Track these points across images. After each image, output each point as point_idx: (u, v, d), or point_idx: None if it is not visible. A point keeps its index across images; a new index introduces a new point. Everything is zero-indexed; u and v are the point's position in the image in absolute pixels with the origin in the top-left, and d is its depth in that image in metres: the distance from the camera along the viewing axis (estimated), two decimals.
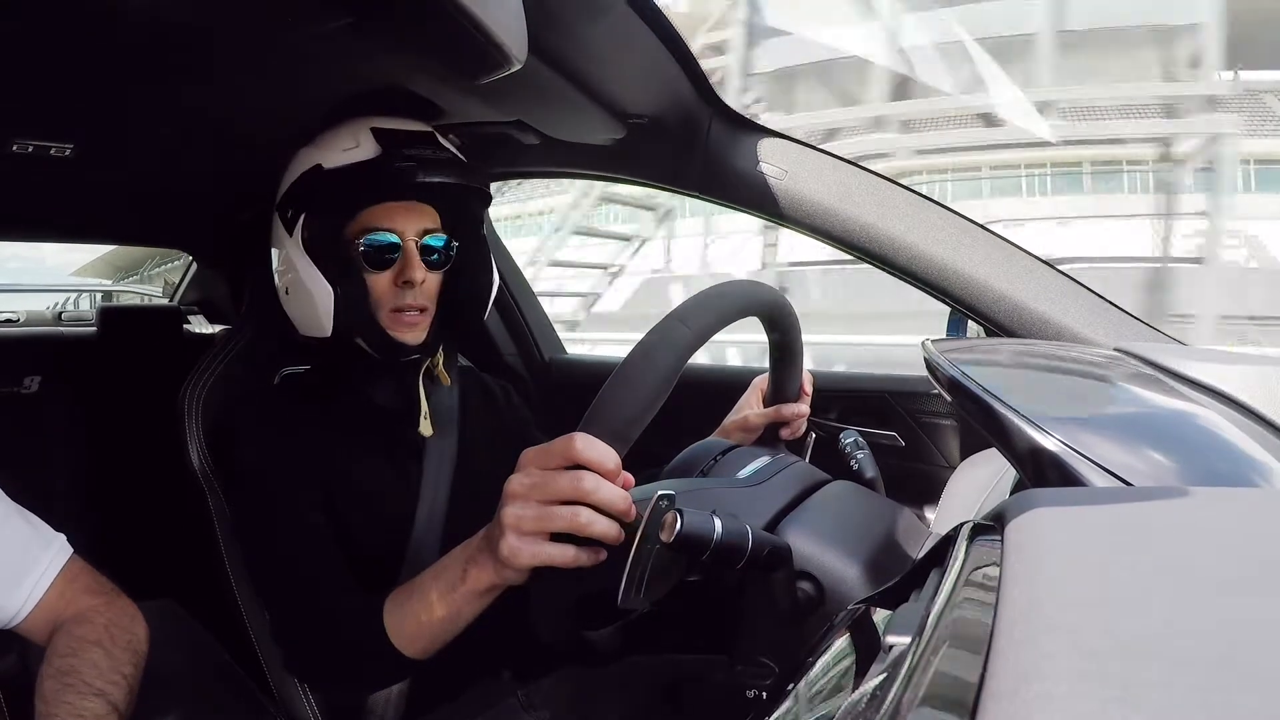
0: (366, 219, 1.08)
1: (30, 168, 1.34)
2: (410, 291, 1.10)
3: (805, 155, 1.30)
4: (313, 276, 1.06)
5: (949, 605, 0.41)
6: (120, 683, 0.90)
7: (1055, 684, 0.28)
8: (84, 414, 2.20)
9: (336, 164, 1.06)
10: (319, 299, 1.06)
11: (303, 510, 1.06)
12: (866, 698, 0.39)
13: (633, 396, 0.74)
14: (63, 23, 0.90)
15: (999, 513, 0.47)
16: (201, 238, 2.20)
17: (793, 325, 1.01)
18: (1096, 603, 0.35)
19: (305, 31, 0.91)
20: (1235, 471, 0.71)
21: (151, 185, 1.65)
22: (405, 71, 1.09)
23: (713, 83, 1.29)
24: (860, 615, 0.57)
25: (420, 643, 0.92)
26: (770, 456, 0.99)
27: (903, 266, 1.25)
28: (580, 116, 1.29)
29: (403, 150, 1.06)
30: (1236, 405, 0.80)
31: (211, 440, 1.21)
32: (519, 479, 0.76)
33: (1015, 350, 1.10)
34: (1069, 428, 0.68)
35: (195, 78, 1.09)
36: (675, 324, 0.77)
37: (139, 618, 1.00)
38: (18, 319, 2.79)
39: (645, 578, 0.70)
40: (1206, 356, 0.90)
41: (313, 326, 1.09)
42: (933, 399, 1.46)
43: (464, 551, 0.87)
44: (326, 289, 1.05)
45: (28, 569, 0.95)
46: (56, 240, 2.25)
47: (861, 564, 0.79)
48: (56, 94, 1.11)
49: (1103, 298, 1.20)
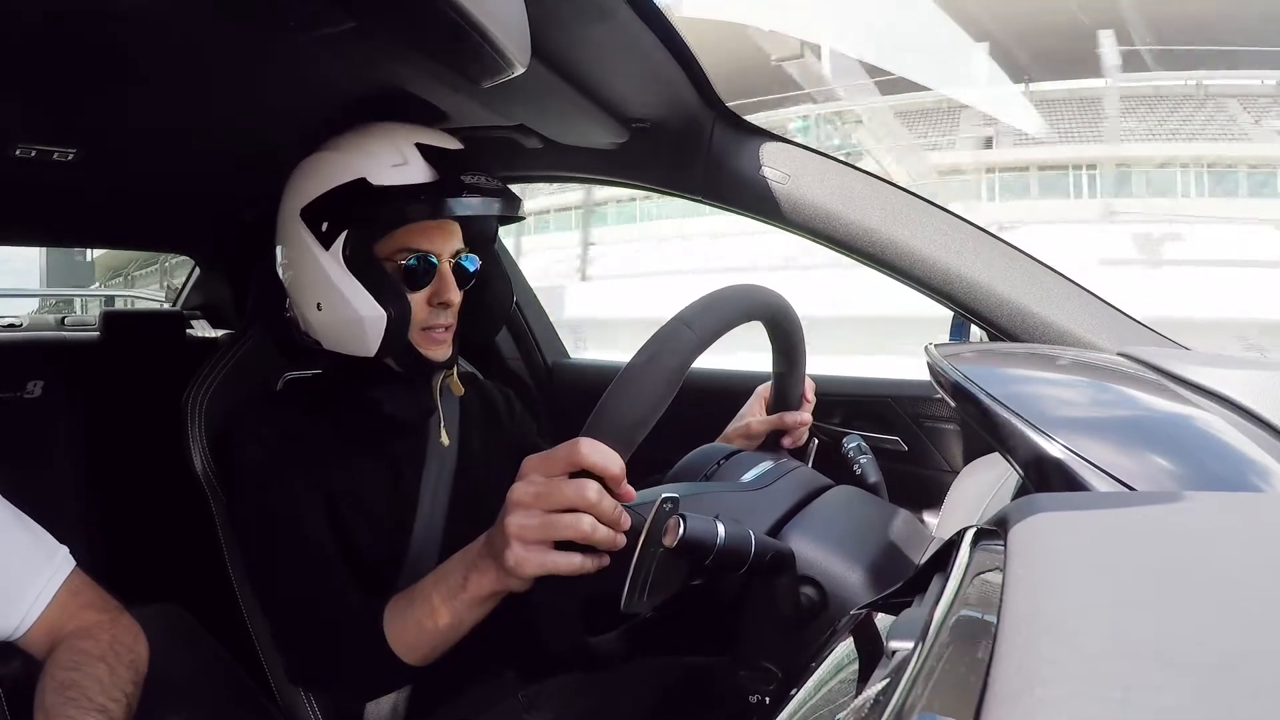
0: (404, 237, 1.06)
1: (33, 172, 1.34)
2: (444, 311, 1.09)
3: (808, 159, 1.30)
4: (361, 297, 1.03)
5: (952, 610, 0.41)
6: (121, 700, 0.89)
7: (1058, 688, 0.28)
8: (87, 419, 2.20)
9: (388, 181, 1.02)
10: (369, 321, 1.03)
11: (304, 517, 1.06)
12: (870, 703, 0.39)
13: (637, 401, 0.74)
14: (64, 27, 0.90)
15: (1002, 517, 0.47)
16: (204, 242, 2.21)
17: (796, 330, 1.01)
18: (1099, 607, 0.35)
19: (308, 36, 0.91)
20: (1237, 476, 0.71)
21: (154, 189, 1.65)
22: (408, 76, 1.09)
23: None
24: (863, 620, 0.57)
25: (421, 650, 0.92)
26: (773, 461, 0.99)
27: (905, 271, 1.25)
28: (583, 121, 1.29)
29: (459, 177, 1.05)
30: (1239, 410, 0.80)
31: (215, 445, 1.21)
32: (523, 487, 0.76)
33: (1018, 355, 1.10)
34: (1072, 433, 0.68)
35: (198, 82, 1.09)
36: (680, 328, 0.77)
37: (142, 637, 0.99)
38: (20, 323, 2.79)
39: (649, 582, 0.70)
40: (1209, 361, 0.90)
41: (353, 345, 1.06)
42: (936, 404, 1.46)
43: (465, 558, 0.87)
44: (380, 313, 1.02)
45: (30, 582, 0.94)
46: (59, 244, 2.26)
47: (864, 569, 0.79)
48: (59, 99, 1.11)
49: (1106, 302, 1.20)
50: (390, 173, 1.03)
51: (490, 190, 1.06)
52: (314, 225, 1.05)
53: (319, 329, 1.09)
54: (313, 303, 1.07)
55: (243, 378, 1.27)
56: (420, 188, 1.03)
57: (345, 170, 1.04)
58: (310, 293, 1.07)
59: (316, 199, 1.05)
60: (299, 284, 1.09)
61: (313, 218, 1.05)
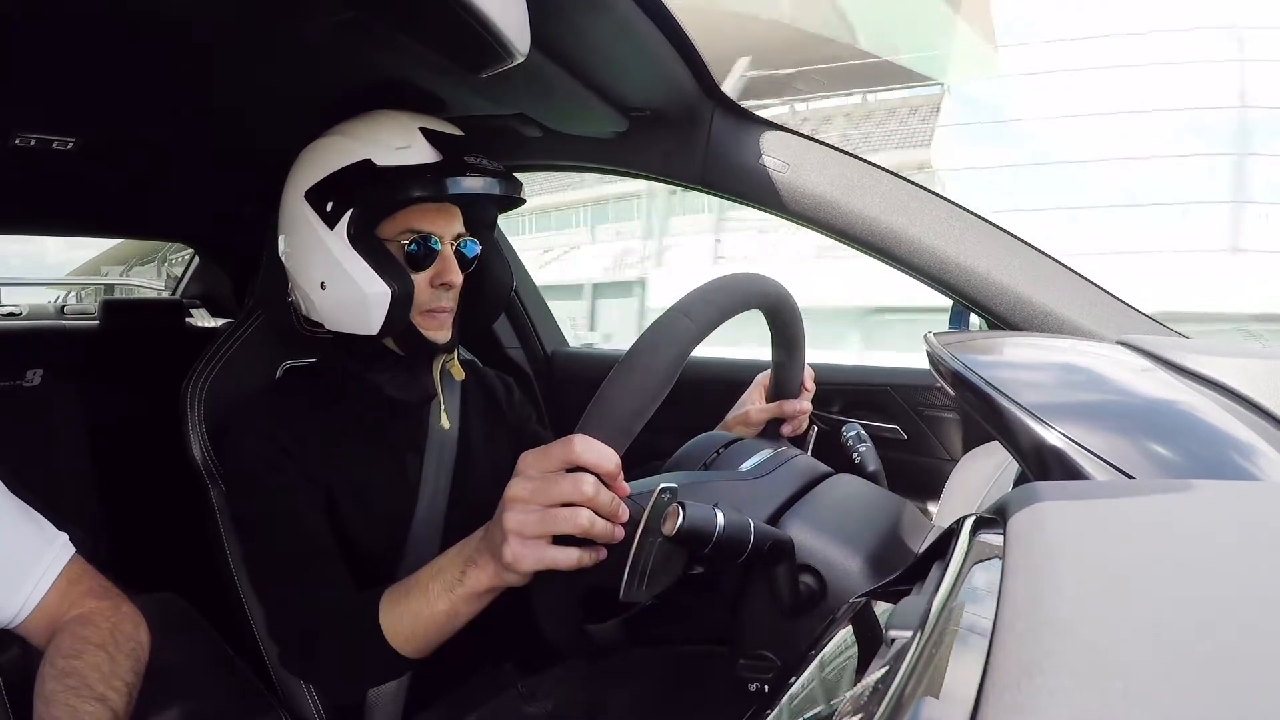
0: (406, 219, 1.07)
1: (32, 161, 1.34)
2: (446, 293, 1.10)
3: (808, 148, 1.30)
4: (365, 274, 1.03)
5: (951, 598, 0.41)
6: (121, 689, 0.89)
7: (1057, 677, 0.28)
8: (86, 407, 2.20)
9: (392, 162, 1.03)
10: (372, 298, 1.04)
11: (301, 507, 1.06)
12: (869, 691, 0.39)
13: (635, 390, 0.73)
14: (64, 16, 0.89)
15: (1001, 506, 0.47)
16: (204, 230, 2.21)
17: (795, 319, 1.01)
18: (1098, 596, 0.35)
19: (308, 25, 0.90)
20: (1236, 465, 0.71)
21: (153, 178, 1.65)
22: (408, 65, 1.08)
23: None
24: (862, 608, 0.57)
25: (417, 642, 0.92)
26: (773, 450, 0.99)
27: (905, 259, 1.25)
28: (582, 109, 1.29)
29: (463, 158, 1.06)
30: (1238, 398, 0.80)
31: (213, 434, 1.21)
32: (519, 484, 0.76)
33: (1017, 343, 1.09)
34: (1071, 421, 0.68)
35: (198, 71, 1.09)
36: (678, 317, 0.77)
37: (143, 624, 0.99)
38: (20, 312, 2.79)
39: (648, 571, 0.70)
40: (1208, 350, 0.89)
41: (355, 324, 1.07)
42: (935, 392, 1.46)
43: (462, 551, 0.87)
44: (383, 288, 1.03)
45: (29, 569, 0.94)
46: (59, 234, 2.26)
47: (864, 557, 0.79)
48: (58, 87, 1.11)
49: (1105, 290, 1.20)
50: (395, 154, 1.04)
51: (492, 171, 1.07)
52: (318, 206, 1.06)
53: (322, 309, 1.09)
54: (316, 282, 1.07)
55: (242, 366, 1.27)
56: (424, 168, 1.04)
57: (350, 153, 1.05)
58: (314, 272, 1.07)
59: (321, 180, 1.06)
60: (302, 265, 1.09)
61: (317, 199, 1.06)
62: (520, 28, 0.80)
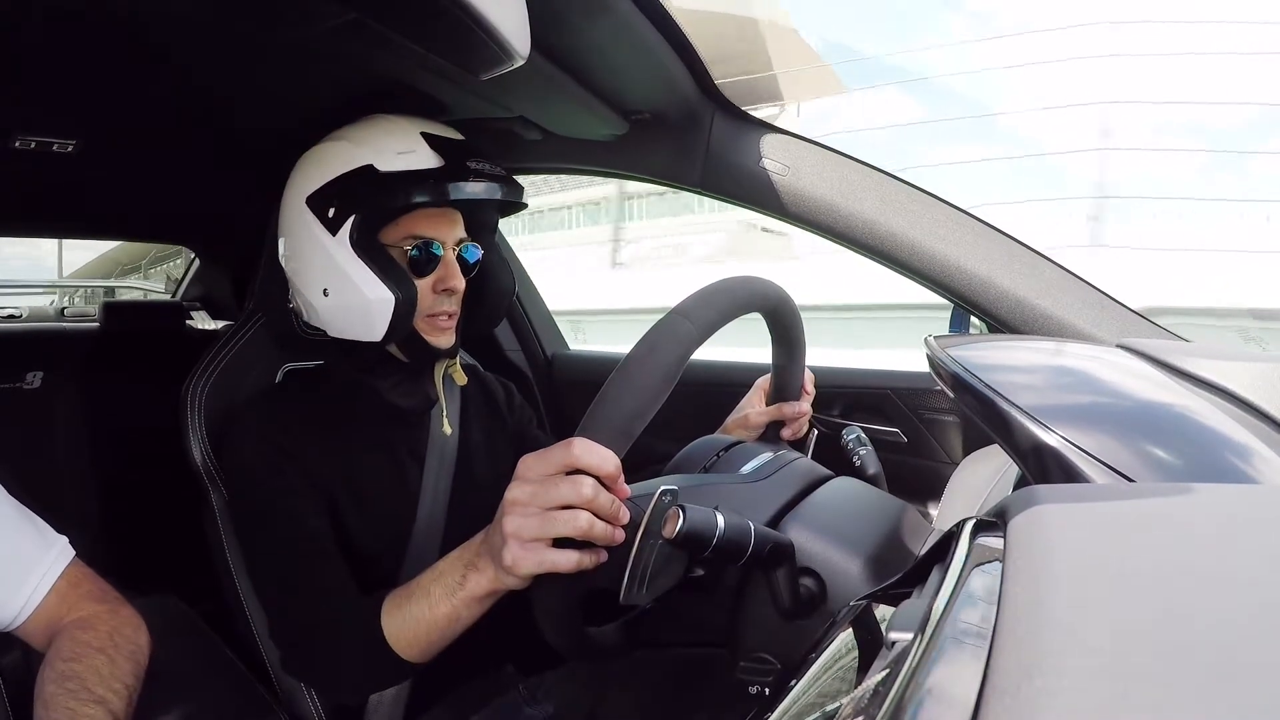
0: (409, 224, 1.07)
1: (32, 164, 1.34)
2: (449, 298, 1.10)
3: (808, 151, 1.30)
4: (368, 280, 1.03)
5: (951, 601, 0.41)
6: (121, 692, 0.89)
7: (1057, 680, 0.28)
8: (86, 410, 2.20)
9: (394, 168, 1.03)
10: (376, 304, 1.03)
11: (302, 511, 1.06)
12: (869, 694, 0.39)
13: (635, 393, 0.73)
14: (64, 19, 0.90)
15: (1001, 509, 0.47)
16: (204, 233, 2.21)
17: (795, 322, 1.01)
18: (1098, 599, 0.35)
19: (308, 28, 0.90)
20: (1237, 468, 0.71)
21: (154, 181, 1.65)
22: (408, 68, 1.08)
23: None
24: (862, 611, 0.57)
25: (419, 646, 0.92)
26: (773, 453, 0.99)
27: (905, 262, 1.25)
28: (583, 112, 1.29)
29: (465, 163, 1.06)
30: (1239, 402, 0.80)
31: (214, 436, 1.21)
32: (518, 488, 0.76)
33: (1017, 347, 1.09)
34: (1071, 424, 0.68)
35: (198, 74, 1.09)
36: (678, 319, 0.77)
37: (143, 628, 0.99)
38: (20, 314, 2.79)
39: (648, 574, 0.70)
40: (1209, 353, 0.89)
41: (359, 330, 1.07)
42: (935, 395, 1.46)
43: (462, 555, 0.87)
44: (387, 294, 1.03)
45: (28, 572, 0.94)
46: (59, 236, 2.26)
47: (864, 560, 0.79)
48: (59, 90, 1.11)
49: (1106, 294, 1.20)
50: (397, 159, 1.03)
51: (494, 175, 1.07)
52: (320, 212, 1.05)
53: (325, 315, 1.09)
54: (319, 289, 1.07)
55: (242, 369, 1.27)
56: (427, 173, 1.03)
57: (352, 158, 1.04)
58: (317, 279, 1.07)
59: (323, 186, 1.05)
60: (304, 271, 1.09)
61: (319, 204, 1.05)
62: (520, 30, 0.80)
